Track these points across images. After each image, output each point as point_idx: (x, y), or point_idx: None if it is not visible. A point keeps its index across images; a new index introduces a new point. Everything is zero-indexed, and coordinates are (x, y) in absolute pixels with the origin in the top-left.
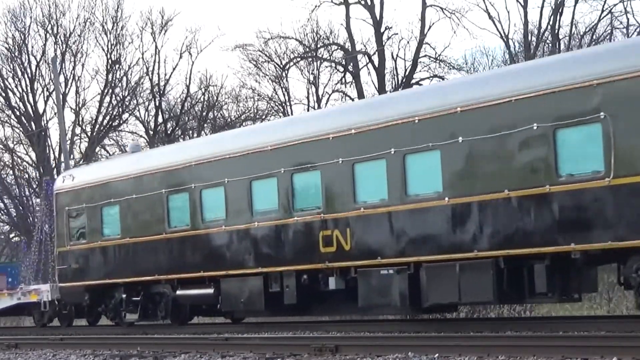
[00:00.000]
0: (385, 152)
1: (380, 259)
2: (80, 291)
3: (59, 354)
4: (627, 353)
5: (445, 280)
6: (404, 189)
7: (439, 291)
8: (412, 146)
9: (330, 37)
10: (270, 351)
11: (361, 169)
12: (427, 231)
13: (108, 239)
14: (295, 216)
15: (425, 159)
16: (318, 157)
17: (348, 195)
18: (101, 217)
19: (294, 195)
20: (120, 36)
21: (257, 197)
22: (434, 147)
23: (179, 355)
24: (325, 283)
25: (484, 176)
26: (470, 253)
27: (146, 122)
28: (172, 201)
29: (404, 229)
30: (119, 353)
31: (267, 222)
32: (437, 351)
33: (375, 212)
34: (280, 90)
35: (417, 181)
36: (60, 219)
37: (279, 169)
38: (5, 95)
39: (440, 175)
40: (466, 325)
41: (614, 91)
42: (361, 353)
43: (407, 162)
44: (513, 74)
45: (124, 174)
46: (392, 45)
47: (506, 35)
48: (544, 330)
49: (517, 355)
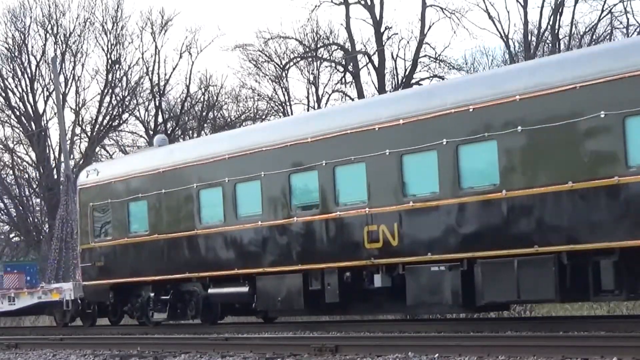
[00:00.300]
0: (436, 143)
1: (430, 255)
2: (105, 290)
3: (59, 354)
4: (627, 353)
5: (503, 277)
6: (457, 181)
7: (496, 289)
8: (466, 136)
9: (330, 37)
10: (270, 351)
11: (410, 161)
12: (482, 225)
13: (135, 236)
14: (338, 211)
15: (480, 149)
16: (363, 149)
17: (396, 189)
18: (128, 213)
19: (336, 188)
20: (120, 36)
21: (297, 191)
22: (490, 137)
23: (179, 355)
24: (369, 280)
25: (545, 167)
26: (530, 248)
27: (146, 122)
28: (204, 196)
29: (457, 224)
30: (119, 353)
31: (307, 217)
32: (437, 351)
33: (425, 206)
34: (280, 90)
35: (471, 173)
36: (84, 215)
37: (320, 162)
38: (5, 95)
39: (497, 166)
40: (466, 325)
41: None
42: (361, 353)
43: (460, 153)
44: (576, 60)
45: (153, 168)
46: (392, 45)
47: (506, 35)
48: (544, 330)
49: (517, 355)
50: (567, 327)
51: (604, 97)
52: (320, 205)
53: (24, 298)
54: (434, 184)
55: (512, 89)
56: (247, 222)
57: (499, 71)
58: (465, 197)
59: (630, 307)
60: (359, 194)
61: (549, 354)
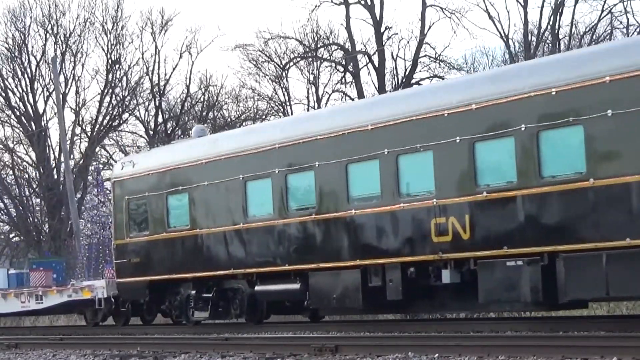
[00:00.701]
0: (513, 129)
1: (506, 249)
2: (141, 287)
3: (59, 354)
4: (627, 353)
5: (589, 272)
6: (537, 170)
7: (581, 285)
8: (548, 121)
9: (330, 37)
10: (270, 351)
11: (483, 149)
12: (565, 217)
13: (174, 230)
14: (402, 202)
15: (563, 135)
16: (429, 136)
17: (467, 178)
18: (166, 206)
19: (399, 179)
20: (120, 36)
21: (355, 181)
22: (575, 122)
23: (179, 355)
24: (436, 276)
25: (638, 154)
26: (622, 241)
27: (146, 122)
28: (251, 187)
29: (537, 215)
30: (119, 353)
31: (367, 209)
32: (437, 351)
33: (501, 197)
34: (280, 90)
35: (553, 161)
36: (119, 209)
37: (381, 150)
38: (5, 95)
39: (583, 153)
40: (466, 325)
41: None
42: (361, 353)
43: (540, 140)
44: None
45: (194, 159)
46: (392, 45)
47: (506, 35)
48: (544, 330)
49: (517, 355)
50: (567, 327)
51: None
52: (382, 196)
53: (52, 296)
54: (511, 173)
55: (602, 69)
56: (300, 215)
57: (585, 51)
58: (547, 186)
59: (630, 307)
60: (426, 184)
61: (549, 354)
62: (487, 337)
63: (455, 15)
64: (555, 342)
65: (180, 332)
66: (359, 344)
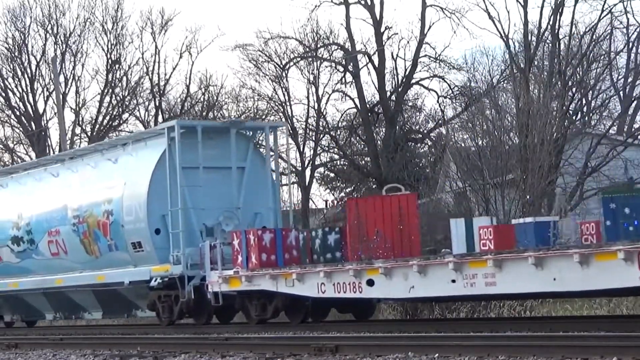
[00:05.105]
0: None
1: None
2: None
3: (59, 354)
4: (627, 353)
5: None
6: None
7: None
8: None
9: (330, 37)
10: (270, 351)
11: None
12: None
13: None
14: None
15: None
16: None
17: None
18: None
19: None
20: (120, 36)
21: None
22: None
23: (179, 355)
24: None
25: None
26: None
27: (146, 122)
28: None
29: None
30: (119, 353)
31: None
32: (437, 351)
33: None
34: (280, 90)
35: None
36: None
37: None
38: (5, 95)
39: None
40: (466, 325)
41: None
42: (361, 353)
43: None
44: None
45: None
46: (392, 45)
47: (506, 35)
48: (544, 330)
49: (517, 355)
50: (567, 327)
51: None
52: None
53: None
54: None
55: None
56: None
57: None
58: None
59: (630, 307)
60: None
61: (549, 354)
62: (487, 337)
63: (455, 15)
64: (555, 342)
65: (180, 332)
66: (359, 344)
